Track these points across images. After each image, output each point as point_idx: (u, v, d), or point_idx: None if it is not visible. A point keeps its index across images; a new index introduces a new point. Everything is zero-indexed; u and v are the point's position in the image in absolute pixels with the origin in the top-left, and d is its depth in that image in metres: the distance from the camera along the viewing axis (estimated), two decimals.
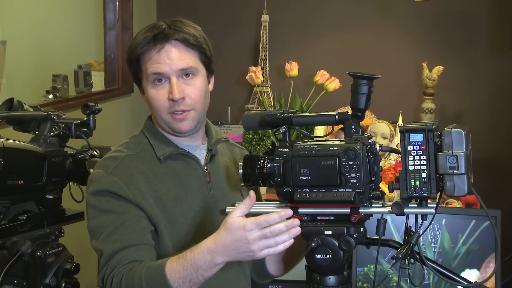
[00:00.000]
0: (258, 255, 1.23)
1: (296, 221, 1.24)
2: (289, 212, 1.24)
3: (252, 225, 1.22)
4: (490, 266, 1.88)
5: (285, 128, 1.32)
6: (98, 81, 3.39)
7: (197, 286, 1.30)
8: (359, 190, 1.23)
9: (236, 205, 1.45)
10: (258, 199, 1.71)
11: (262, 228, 1.22)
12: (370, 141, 1.26)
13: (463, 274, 1.86)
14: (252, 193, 1.26)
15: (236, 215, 1.24)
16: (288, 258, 1.58)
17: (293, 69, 3.17)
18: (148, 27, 1.50)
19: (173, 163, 1.51)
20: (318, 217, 1.29)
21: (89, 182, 1.47)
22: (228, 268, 1.51)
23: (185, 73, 1.47)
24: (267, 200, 2.55)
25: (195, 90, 1.48)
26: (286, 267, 1.61)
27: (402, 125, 1.23)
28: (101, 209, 1.43)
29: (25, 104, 1.63)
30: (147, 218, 1.44)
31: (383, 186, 2.13)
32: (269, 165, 1.32)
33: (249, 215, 1.56)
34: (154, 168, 1.49)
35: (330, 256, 1.24)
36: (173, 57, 1.46)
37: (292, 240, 1.23)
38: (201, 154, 1.57)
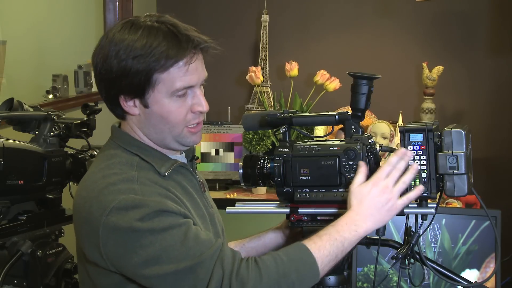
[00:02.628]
0: (397, 204, 1.22)
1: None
2: (406, 151, 1.23)
3: (378, 175, 1.23)
4: (490, 266, 1.88)
5: (285, 128, 1.32)
6: None
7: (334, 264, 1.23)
8: None
9: (236, 205, 1.45)
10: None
11: (387, 173, 1.23)
12: (370, 141, 1.27)
13: (463, 274, 1.86)
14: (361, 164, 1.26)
15: (357, 182, 1.24)
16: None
17: (293, 69, 3.17)
18: (157, 31, 1.27)
19: (175, 177, 1.35)
20: (318, 217, 1.29)
21: (122, 211, 1.20)
22: None
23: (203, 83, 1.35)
24: (267, 200, 2.56)
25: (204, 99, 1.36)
26: None
27: (402, 125, 1.23)
28: (159, 229, 1.19)
29: (25, 104, 1.63)
30: None
31: None
32: (269, 165, 1.32)
33: (247, 214, 1.55)
34: (163, 185, 1.29)
35: None
36: (202, 66, 1.32)
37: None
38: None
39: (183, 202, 1.29)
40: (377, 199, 1.22)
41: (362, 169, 1.24)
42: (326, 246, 1.20)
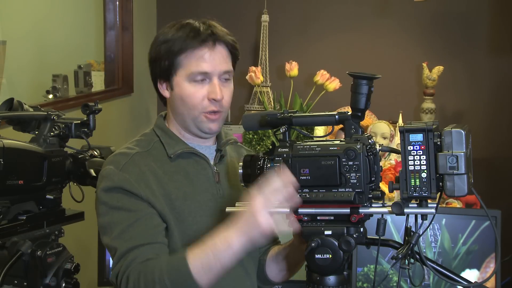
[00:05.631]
0: (263, 225, 1.23)
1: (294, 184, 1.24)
2: (288, 174, 1.24)
3: (254, 192, 1.24)
4: (490, 266, 1.88)
5: (285, 128, 1.32)
6: (98, 81, 3.40)
7: (216, 276, 1.29)
8: (359, 190, 1.23)
9: (236, 204, 1.45)
10: None
11: (263, 191, 1.24)
12: (370, 141, 1.26)
13: (463, 274, 1.86)
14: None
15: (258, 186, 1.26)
16: (291, 266, 1.60)
17: (293, 69, 3.17)
18: (185, 25, 1.50)
19: (183, 161, 1.52)
20: (318, 217, 1.29)
21: (100, 178, 1.47)
22: (232, 270, 1.52)
23: (225, 76, 1.51)
24: None
25: (229, 93, 1.52)
26: (289, 274, 1.63)
27: (402, 125, 1.23)
28: (112, 206, 1.42)
29: (25, 104, 1.63)
30: (158, 215, 1.44)
31: (383, 186, 2.13)
32: (269, 165, 1.32)
33: None
34: (164, 166, 1.49)
35: (330, 256, 1.24)
36: (220, 59, 1.49)
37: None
38: (211, 154, 1.57)
39: (163, 188, 1.46)
40: (248, 214, 1.25)
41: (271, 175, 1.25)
42: (199, 255, 1.29)
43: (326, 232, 1.26)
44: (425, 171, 1.21)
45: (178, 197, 1.47)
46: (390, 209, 1.23)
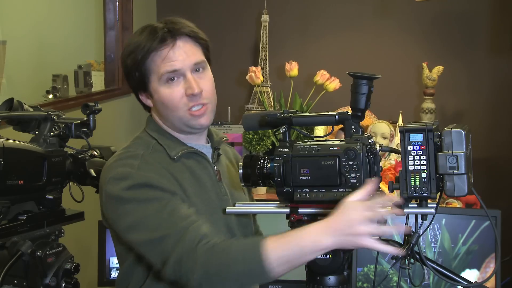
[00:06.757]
0: (361, 241, 1.19)
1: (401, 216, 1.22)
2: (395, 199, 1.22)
3: (363, 206, 1.19)
4: (490, 266, 1.88)
5: (285, 128, 1.33)
6: (98, 81, 3.40)
7: (292, 269, 1.25)
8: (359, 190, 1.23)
9: (236, 205, 1.45)
10: (251, 200, 1.70)
11: (370, 210, 1.19)
12: (370, 141, 1.27)
13: (463, 274, 1.86)
14: (370, 181, 1.22)
15: (353, 198, 1.21)
16: None
17: (293, 69, 3.16)
18: (145, 28, 1.47)
19: (186, 161, 1.49)
20: (318, 217, 1.29)
21: (115, 181, 1.40)
22: None
23: (197, 68, 1.47)
24: (267, 200, 2.55)
25: (208, 83, 1.49)
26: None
27: (402, 125, 1.23)
28: (142, 200, 1.36)
29: (25, 104, 1.62)
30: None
31: (383, 186, 2.13)
32: (269, 165, 1.32)
33: (247, 215, 1.57)
34: (169, 167, 1.46)
35: (330, 256, 1.24)
36: (186, 52, 1.45)
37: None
38: (208, 153, 1.56)
39: (179, 183, 1.44)
40: (349, 223, 1.19)
41: (365, 187, 1.22)
42: (281, 248, 1.24)
43: None
44: (425, 171, 1.21)
45: (192, 194, 1.46)
46: (390, 209, 1.24)
